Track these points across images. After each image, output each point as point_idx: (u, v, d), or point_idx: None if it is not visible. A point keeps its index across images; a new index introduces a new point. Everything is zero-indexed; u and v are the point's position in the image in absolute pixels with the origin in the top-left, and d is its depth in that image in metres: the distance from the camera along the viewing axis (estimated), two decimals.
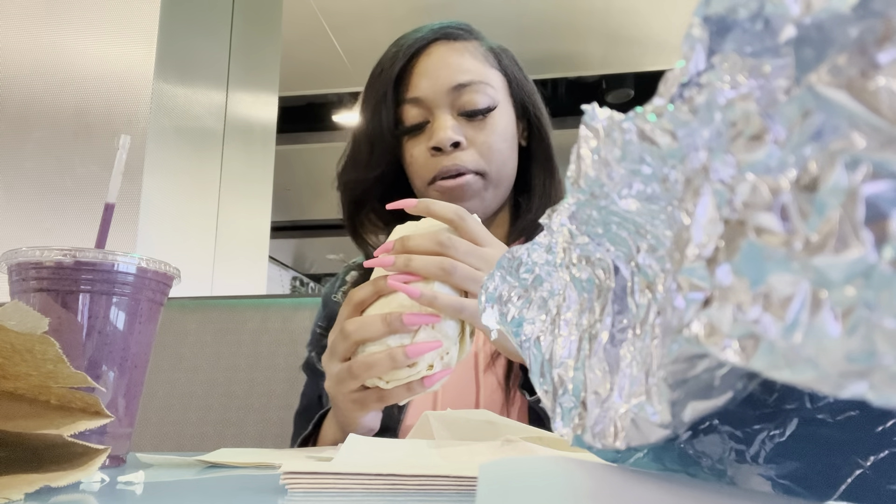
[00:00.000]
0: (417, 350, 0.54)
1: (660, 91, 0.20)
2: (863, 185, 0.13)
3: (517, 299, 0.31)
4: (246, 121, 2.28)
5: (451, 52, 0.80)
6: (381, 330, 0.54)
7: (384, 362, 0.54)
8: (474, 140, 0.78)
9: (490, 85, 0.80)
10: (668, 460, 0.26)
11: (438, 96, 0.78)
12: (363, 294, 0.57)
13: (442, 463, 0.36)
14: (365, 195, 0.84)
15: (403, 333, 0.55)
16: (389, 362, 0.54)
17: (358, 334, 0.55)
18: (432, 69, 0.79)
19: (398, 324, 0.54)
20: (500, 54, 0.85)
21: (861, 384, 0.13)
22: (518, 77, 0.85)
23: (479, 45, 0.84)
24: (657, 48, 3.67)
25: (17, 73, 1.71)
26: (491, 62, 0.82)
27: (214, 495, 0.34)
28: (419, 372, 0.55)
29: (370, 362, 0.54)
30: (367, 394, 0.57)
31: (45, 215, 1.65)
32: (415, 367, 0.54)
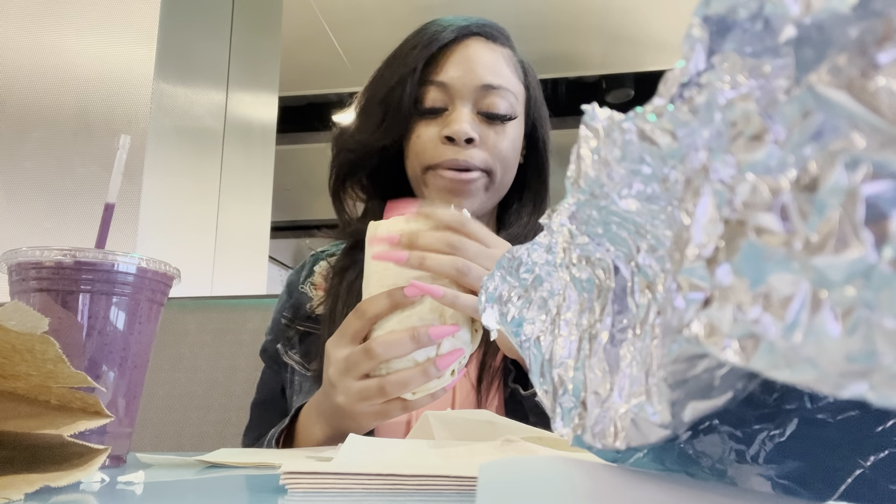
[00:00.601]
0: (447, 362, 0.55)
1: (660, 91, 0.20)
2: (863, 185, 0.13)
3: (517, 299, 0.31)
4: (246, 121, 2.28)
5: (489, 51, 0.80)
6: (409, 347, 0.55)
7: (418, 378, 0.55)
8: (487, 141, 0.78)
9: (514, 94, 0.80)
10: (668, 460, 0.26)
11: (466, 89, 0.78)
12: (378, 308, 0.56)
13: (442, 463, 0.36)
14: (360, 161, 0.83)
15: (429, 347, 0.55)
16: (423, 378, 0.55)
17: (387, 354, 0.55)
18: (466, 61, 0.78)
19: (426, 339, 0.54)
20: (527, 69, 0.85)
21: (861, 384, 0.13)
22: (537, 97, 0.86)
23: (513, 54, 0.84)
24: (657, 48, 3.67)
25: (17, 73, 1.71)
26: (519, 75, 0.83)
27: (214, 495, 0.34)
28: (445, 380, 0.56)
29: (404, 380, 0.55)
30: (391, 406, 0.57)
31: (45, 215, 1.65)
32: (442, 377, 0.56)
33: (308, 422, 0.66)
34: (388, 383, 0.55)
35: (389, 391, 0.55)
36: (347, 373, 0.57)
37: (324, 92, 4.29)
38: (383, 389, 0.55)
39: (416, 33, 0.82)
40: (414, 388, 0.55)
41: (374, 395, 0.56)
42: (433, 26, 0.81)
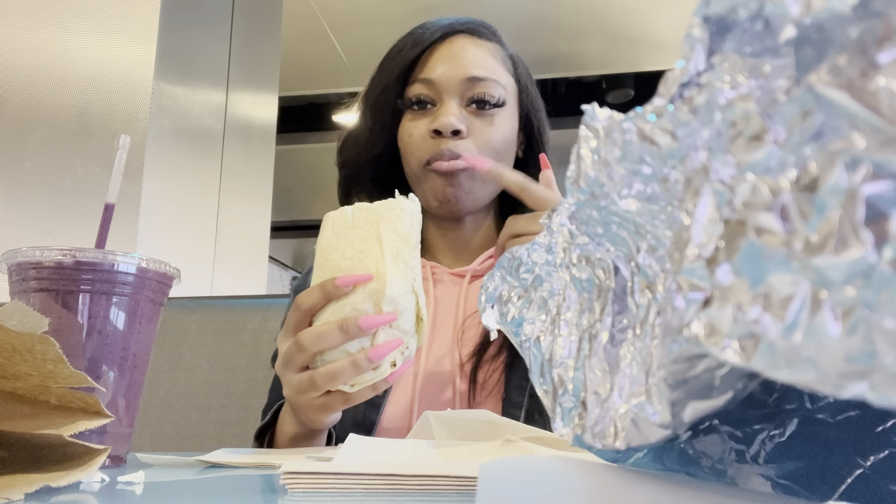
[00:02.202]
0: (379, 353, 0.53)
1: (660, 91, 0.20)
2: (863, 185, 0.13)
3: (517, 299, 0.31)
4: (246, 121, 2.28)
5: (473, 45, 0.81)
6: (339, 339, 0.53)
7: (348, 370, 0.53)
8: (474, 132, 0.78)
9: (502, 86, 0.81)
10: (668, 460, 0.26)
11: (451, 83, 0.79)
12: (312, 300, 0.55)
13: (442, 463, 0.36)
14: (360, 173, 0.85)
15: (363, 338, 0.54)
16: (353, 370, 0.53)
17: (315, 346, 0.54)
18: (452, 56, 0.80)
19: (356, 330, 0.53)
20: (516, 62, 0.86)
21: (861, 384, 0.13)
22: (530, 89, 0.86)
23: (500, 48, 0.85)
24: (657, 48, 3.67)
25: (17, 73, 1.71)
26: (508, 67, 0.83)
27: (214, 495, 0.34)
28: (383, 372, 0.54)
29: (333, 372, 0.54)
30: (331, 398, 0.56)
31: (45, 215, 1.65)
32: (379, 368, 0.54)
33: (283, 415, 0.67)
34: (317, 375, 0.54)
35: (320, 383, 0.54)
36: (287, 366, 0.57)
37: (324, 92, 4.29)
38: (314, 382, 0.54)
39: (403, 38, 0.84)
40: (346, 380, 0.54)
41: (308, 388, 0.55)
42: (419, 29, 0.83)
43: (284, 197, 5.25)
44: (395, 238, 0.56)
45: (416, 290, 0.57)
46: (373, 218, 0.57)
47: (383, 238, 0.55)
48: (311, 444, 0.65)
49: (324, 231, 0.59)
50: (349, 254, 0.56)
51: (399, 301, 0.55)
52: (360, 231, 0.56)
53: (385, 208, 0.57)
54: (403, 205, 0.58)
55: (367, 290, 0.54)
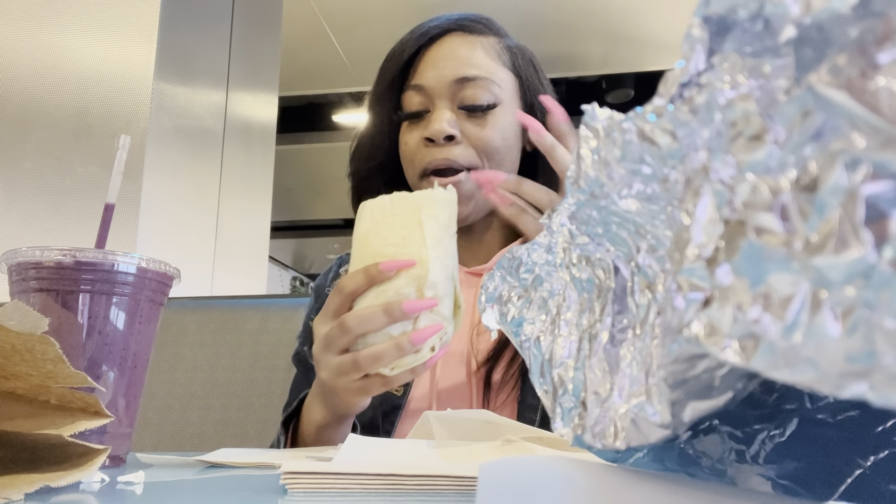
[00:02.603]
0: (422, 336, 0.55)
1: (660, 91, 0.20)
2: (863, 185, 0.13)
3: (517, 299, 0.31)
4: (246, 121, 2.28)
5: (464, 44, 0.79)
6: (383, 321, 0.54)
7: (391, 353, 0.54)
8: (470, 135, 0.76)
9: (496, 83, 0.78)
10: (668, 460, 0.26)
11: (441, 87, 0.77)
12: (355, 284, 0.56)
13: (442, 463, 0.36)
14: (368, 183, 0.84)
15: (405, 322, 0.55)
16: (396, 352, 0.54)
17: (360, 328, 0.55)
18: (440, 59, 0.78)
19: (400, 313, 0.54)
20: (515, 53, 0.82)
21: (861, 384, 0.13)
22: (531, 79, 0.83)
23: (497, 41, 0.82)
24: (657, 48, 3.67)
25: (17, 73, 1.71)
26: (504, 60, 0.80)
27: (214, 495, 0.34)
28: (423, 356, 0.55)
29: (377, 354, 0.54)
30: (370, 381, 0.57)
31: (45, 215, 1.65)
32: (419, 352, 0.55)
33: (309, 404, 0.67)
34: (361, 357, 0.55)
35: (363, 365, 0.55)
36: (327, 348, 0.57)
37: (324, 92, 4.30)
38: (357, 364, 0.55)
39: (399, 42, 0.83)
40: (388, 362, 0.55)
41: (349, 370, 0.56)
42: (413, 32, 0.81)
43: (284, 197, 5.25)
44: (436, 226, 0.58)
45: (454, 278, 0.58)
46: (413, 206, 0.58)
47: (425, 225, 0.57)
48: (338, 434, 0.66)
49: (361, 220, 0.60)
50: (391, 240, 0.57)
51: (440, 287, 0.56)
52: (400, 219, 0.58)
53: (426, 198, 0.59)
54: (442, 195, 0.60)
55: (410, 275, 0.56)
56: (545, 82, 0.85)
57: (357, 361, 0.55)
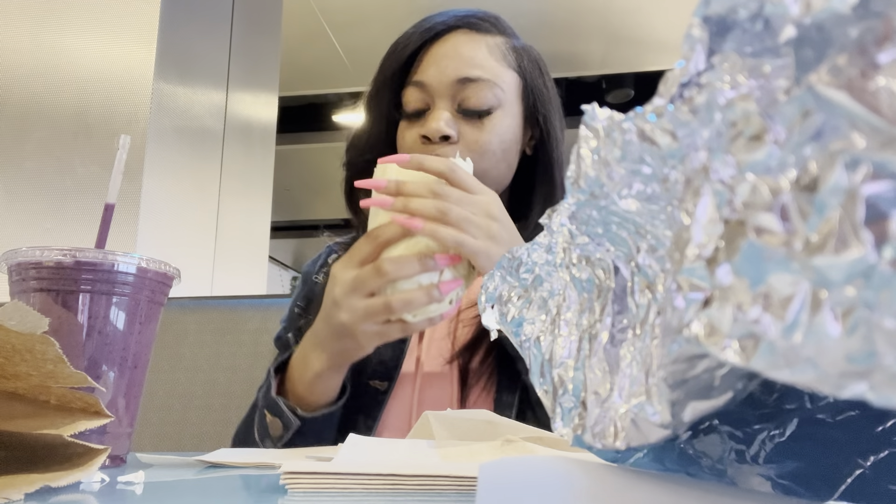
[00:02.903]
0: (448, 287, 0.61)
1: (660, 91, 0.20)
2: (863, 185, 0.13)
3: (517, 299, 0.31)
4: (246, 121, 2.28)
5: (468, 42, 0.77)
6: (416, 269, 0.59)
7: (422, 299, 0.59)
8: (467, 137, 0.75)
9: (498, 85, 0.77)
10: (668, 460, 0.26)
11: (442, 86, 0.76)
12: (391, 233, 0.61)
13: (442, 463, 0.36)
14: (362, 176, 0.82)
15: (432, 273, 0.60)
16: (427, 299, 0.59)
17: (396, 273, 0.59)
18: (442, 57, 0.76)
19: (432, 264, 0.59)
20: (521, 54, 0.81)
21: (861, 384, 0.13)
22: (536, 83, 0.81)
23: (503, 40, 0.80)
24: (657, 48, 3.67)
25: (17, 73, 1.71)
26: (509, 61, 0.79)
27: (214, 495, 0.34)
28: (443, 307, 0.61)
29: (409, 299, 0.59)
30: (391, 326, 0.61)
31: (45, 215, 1.65)
32: (442, 302, 0.61)
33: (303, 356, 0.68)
34: (394, 300, 0.59)
35: (396, 308, 0.59)
36: (354, 291, 0.60)
37: (324, 92, 4.29)
38: (389, 306, 0.59)
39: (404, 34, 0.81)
40: (417, 308, 0.59)
41: (379, 312, 0.59)
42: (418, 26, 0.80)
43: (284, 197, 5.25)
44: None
45: None
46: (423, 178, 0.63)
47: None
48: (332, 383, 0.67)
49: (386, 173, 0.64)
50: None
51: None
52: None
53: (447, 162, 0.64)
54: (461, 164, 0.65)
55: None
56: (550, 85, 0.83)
57: (389, 304, 0.59)
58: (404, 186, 0.62)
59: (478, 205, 0.63)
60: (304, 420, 0.66)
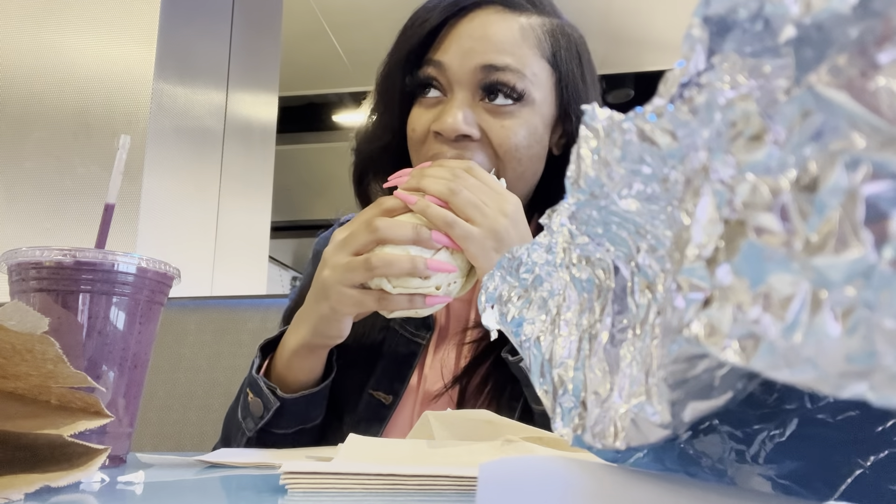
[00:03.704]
0: (437, 266, 0.56)
1: (660, 91, 0.20)
2: (863, 185, 0.13)
3: (517, 299, 0.31)
4: (246, 121, 2.28)
5: (499, 22, 0.66)
6: (409, 235, 0.56)
7: (405, 263, 0.55)
8: (491, 133, 0.66)
9: (528, 77, 0.66)
10: (668, 460, 0.26)
11: (462, 71, 0.66)
12: (394, 203, 0.59)
13: (442, 463, 0.36)
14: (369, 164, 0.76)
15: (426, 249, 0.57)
16: (410, 265, 0.55)
17: (386, 232, 0.56)
18: (467, 37, 0.66)
19: (426, 236, 0.56)
20: (559, 41, 0.70)
21: (861, 384, 0.13)
22: (574, 76, 0.70)
23: (540, 21, 0.69)
24: (657, 48, 3.67)
25: (17, 73, 1.71)
26: (543, 49, 0.68)
27: (214, 495, 0.34)
28: (427, 287, 0.57)
29: (391, 259, 0.56)
30: (367, 295, 0.57)
31: (45, 215, 1.65)
32: (426, 281, 0.57)
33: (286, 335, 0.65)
34: (374, 257, 0.56)
35: (374, 265, 0.56)
36: (343, 247, 0.58)
37: (324, 92, 4.29)
38: (368, 264, 0.56)
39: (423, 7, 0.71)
40: (398, 273, 0.56)
41: (358, 268, 0.56)
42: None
43: (284, 197, 5.24)
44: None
45: None
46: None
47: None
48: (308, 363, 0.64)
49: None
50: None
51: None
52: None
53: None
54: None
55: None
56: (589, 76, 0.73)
57: (369, 261, 0.56)
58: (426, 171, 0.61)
59: (493, 198, 0.59)
60: (283, 400, 0.63)
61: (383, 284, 0.57)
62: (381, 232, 0.56)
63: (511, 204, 0.61)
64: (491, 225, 0.58)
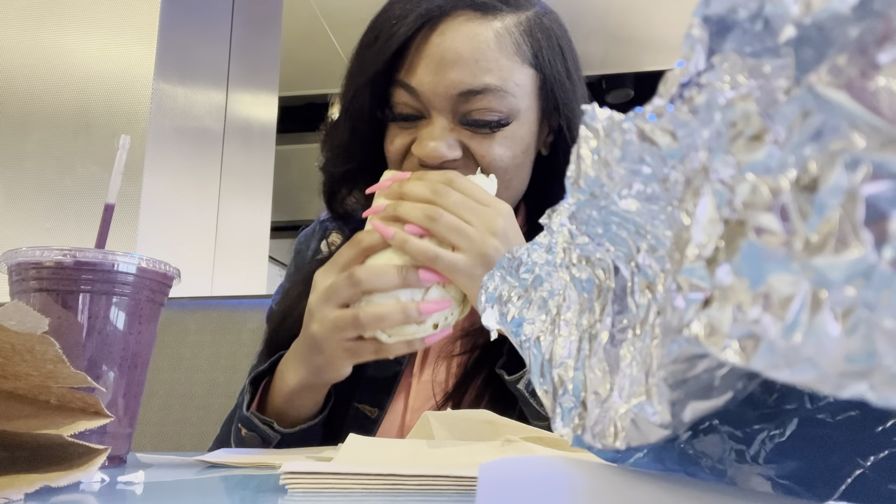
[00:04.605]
0: (430, 308, 0.52)
1: (660, 91, 0.20)
2: (863, 185, 0.13)
3: (517, 299, 0.31)
4: (246, 121, 2.28)
5: (471, 35, 0.60)
6: (395, 282, 0.52)
7: (396, 316, 0.51)
8: (476, 153, 0.63)
9: (510, 93, 0.61)
10: (668, 460, 0.26)
11: (439, 98, 0.61)
12: (373, 240, 0.54)
13: (442, 463, 0.36)
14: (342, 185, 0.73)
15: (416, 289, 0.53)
16: (401, 317, 0.51)
17: (370, 284, 0.52)
18: (439, 59, 0.60)
19: (415, 278, 0.52)
20: (539, 41, 0.64)
21: (861, 384, 0.13)
22: (559, 75, 0.66)
23: (515, 21, 0.63)
24: (657, 48, 3.67)
25: (17, 73, 1.71)
26: (524, 55, 0.63)
27: (214, 495, 0.34)
28: (424, 329, 0.53)
29: (381, 315, 0.51)
30: (363, 345, 0.54)
31: (45, 215, 1.65)
32: (422, 325, 0.53)
33: (284, 367, 0.61)
34: (363, 314, 0.51)
35: (364, 322, 0.52)
36: (328, 300, 0.54)
37: (324, 92, 4.29)
38: (357, 320, 0.52)
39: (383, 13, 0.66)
40: (390, 325, 0.52)
41: (347, 326, 0.52)
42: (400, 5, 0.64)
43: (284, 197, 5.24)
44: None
45: None
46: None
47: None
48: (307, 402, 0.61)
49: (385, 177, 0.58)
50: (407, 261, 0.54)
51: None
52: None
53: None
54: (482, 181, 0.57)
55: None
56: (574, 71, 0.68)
57: (358, 318, 0.52)
58: (405, 186, 0.56)
59: (479, 215, 0.54)
60: (283, 434, 0.60)
61: (377, 334, 0.53)
62: (365, 284, 0.52)
63: (501, 216, 0.56)
64: (479, 249, 0.53)
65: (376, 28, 0.65)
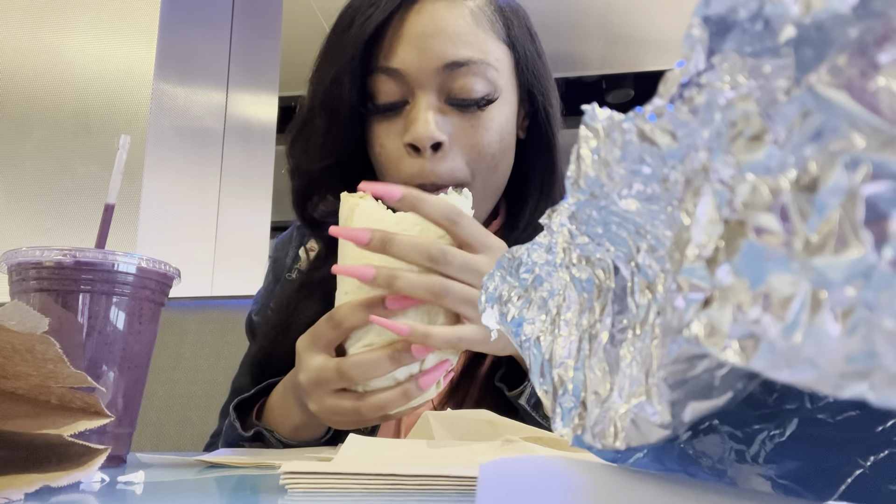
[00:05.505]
0: (431, 379, 0.50)
1: (660, 91, 0.20)
2: (863, 186, 0.13)
3: (517, 299, 0.31)
4: (246, 121, 2.28)
5: (448, 11, 0.61)
6: (388, 368, 0.48)
7: (398, 401, 0.49)
8: (460, 138, 0.62)
9: (492, 65, 0.61)
10: (668, 460, 0.26)
11: (424, 74, 0.60)
12: (356, 321, 0.49)
13: (442, 463, 0.36)
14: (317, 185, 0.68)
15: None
16: (403, 399, 0.49)
17: (364, 377, 0.49)
18: (420, 35, 0.60)
19: (408, 359, 0.48)
20: (510, 19, 0.66)
21: (861, 384, 0.13)
22: (529, 53, 0.67)
23: (486, 2, 0.64)
24: (657, 48, 3.67)
25: (17, 73, 1.71)
26: (498, 31, 0.64)
27: (214, 495, 0.34)
28: (430, 394, 0.51)
29: (382, 404, 0.49)
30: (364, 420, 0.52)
31: (45, 215, 1.65)
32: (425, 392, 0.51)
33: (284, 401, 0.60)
34: (364, 408, 0.49)
35: (367, 415, 0.49)
36: (320, 386, 0.51)
37: None
38: (359, 412, 0.49)
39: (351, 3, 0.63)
40: (394, 409, 0.50)
41: (348, 413, 0.50)
42: None
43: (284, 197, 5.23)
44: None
45: None
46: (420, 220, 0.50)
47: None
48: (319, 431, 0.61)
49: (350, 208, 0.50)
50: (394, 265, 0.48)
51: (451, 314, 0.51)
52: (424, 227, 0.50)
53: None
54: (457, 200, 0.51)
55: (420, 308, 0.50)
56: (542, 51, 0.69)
57: (359, 410, 0.49)
58: (392, 247, 0.48)
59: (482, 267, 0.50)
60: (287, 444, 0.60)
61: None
62: (359, 380, 0.49)
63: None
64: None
65: (350, 13, 0.63)
